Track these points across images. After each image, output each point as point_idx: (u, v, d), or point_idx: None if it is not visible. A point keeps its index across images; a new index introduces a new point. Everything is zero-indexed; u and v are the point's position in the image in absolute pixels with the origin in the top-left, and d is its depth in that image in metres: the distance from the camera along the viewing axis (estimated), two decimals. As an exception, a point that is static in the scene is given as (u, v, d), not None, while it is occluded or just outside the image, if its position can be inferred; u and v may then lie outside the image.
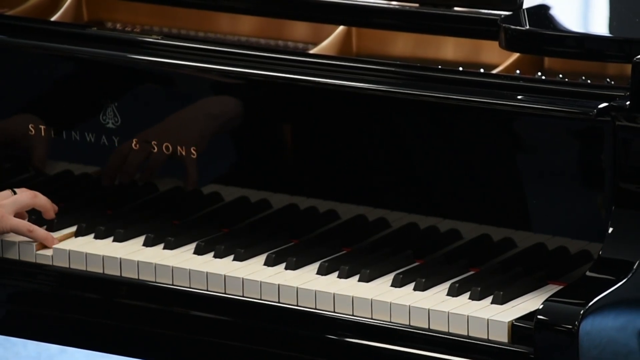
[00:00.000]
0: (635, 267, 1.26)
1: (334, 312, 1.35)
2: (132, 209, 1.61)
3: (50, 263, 1.49)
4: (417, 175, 1.52)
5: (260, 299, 1.39)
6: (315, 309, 1.36)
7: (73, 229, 1.55)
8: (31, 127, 1.61)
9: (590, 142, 1.34)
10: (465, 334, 1.27)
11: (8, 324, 1.60)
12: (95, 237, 1.52)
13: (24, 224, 1.45)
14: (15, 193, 1.48)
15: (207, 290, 1.42)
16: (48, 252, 1.53)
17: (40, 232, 1.47)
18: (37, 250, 1.52)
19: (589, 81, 1.47)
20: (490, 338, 1.27)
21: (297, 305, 1.37)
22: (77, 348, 1.71)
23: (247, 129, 1.57)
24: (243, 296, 1.41)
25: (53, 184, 1.61)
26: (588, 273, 1.27)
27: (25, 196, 1.47)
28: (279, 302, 1.37)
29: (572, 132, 1.36)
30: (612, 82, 1.45)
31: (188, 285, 1.45)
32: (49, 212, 1.49)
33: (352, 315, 1.33)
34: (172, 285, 1.45)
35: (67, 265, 1.48)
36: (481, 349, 1.27)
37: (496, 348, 1.26)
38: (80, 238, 1.53)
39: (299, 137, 1.58)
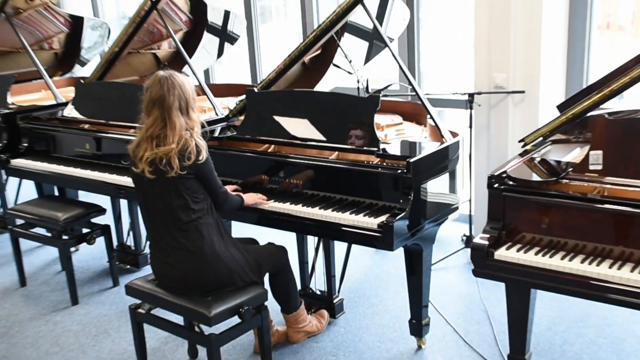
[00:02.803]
0: (406, 210, 2.81)
1: (323, 217, 2.99)
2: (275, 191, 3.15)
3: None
4: (337, 185, 3.08)
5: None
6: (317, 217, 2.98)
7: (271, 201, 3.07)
8: (264, 177, 3.22)
9: (395, 179, 2.90)
10: (365, 226, 2.89)
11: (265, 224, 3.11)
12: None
13: (260, 200, 3.03)
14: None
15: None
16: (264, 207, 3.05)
17: (265, 204, 3.03)
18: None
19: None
20: (370, 227, 2.87)
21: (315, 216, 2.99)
22: (271, 228, 3.25)
23: (312, 175, 3.14)
24: (309, 215, 2.98)
25: (265, 191, 3.23)
26: (395, 212, 2.85)
27: (259, 195, 3.07)
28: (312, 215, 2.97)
29: (390, 176, 2.96)
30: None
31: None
32: (264, 200, 3.07)
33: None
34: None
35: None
36: (367, 229, 2.89)
37: (372, 230, 2.87)
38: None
39: (318, 175, 3.11)
